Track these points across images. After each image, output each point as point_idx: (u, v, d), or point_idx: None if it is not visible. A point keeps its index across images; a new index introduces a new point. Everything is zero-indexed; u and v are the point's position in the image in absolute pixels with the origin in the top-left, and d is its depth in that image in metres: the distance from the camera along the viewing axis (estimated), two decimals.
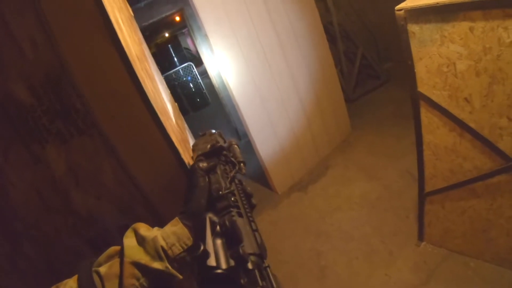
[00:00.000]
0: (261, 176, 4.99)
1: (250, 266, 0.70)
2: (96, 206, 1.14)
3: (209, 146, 1.10)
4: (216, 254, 0.70)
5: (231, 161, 1.07)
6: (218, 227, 0.78)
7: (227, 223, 0.77)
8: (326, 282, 3.35)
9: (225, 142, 1.22)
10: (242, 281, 0.68)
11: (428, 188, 2.80)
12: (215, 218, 0.81)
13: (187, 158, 1.37)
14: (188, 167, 1.24)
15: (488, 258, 2.75)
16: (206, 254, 0.68)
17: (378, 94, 6.55)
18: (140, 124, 1.12)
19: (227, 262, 0.69)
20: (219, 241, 0.74)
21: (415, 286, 2.93)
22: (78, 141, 1.06)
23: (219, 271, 0.67)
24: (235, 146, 1.16)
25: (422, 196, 2.88)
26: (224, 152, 1.10)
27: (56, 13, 0.97)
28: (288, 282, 3.46)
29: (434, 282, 2.89)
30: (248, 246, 0.74)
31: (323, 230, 3.98)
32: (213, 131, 1.33)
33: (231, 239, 0.75)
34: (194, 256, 0.68)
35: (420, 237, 3.21)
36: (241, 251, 0.70)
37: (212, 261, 0.68)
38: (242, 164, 1.06)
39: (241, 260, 0.70)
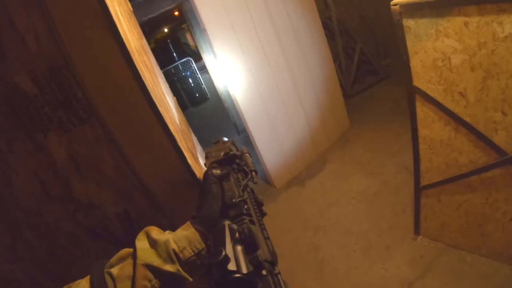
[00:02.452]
0: (259, 170, 4.92)
1: (264, 272, 0.72)
2: (95, 193, 1.16)
3: (222, 154, 1.12)
4: (236, 260, 0.72)
5: (244, 169, 1.09)
6: (237, 234, 0.79)
7: (246, 230, 0.79)
8: (324, 276, 3.38)
9: (237, 150, 1.23)
10: (259, 285, 0.70)
11: (423, 182, 2.82)
12: (234, 226, 0.82)
13: (185, 147, 1.39)
14: (186, 156, 1.26)
15: (484, 252, 2.76)
16: (227, 259, 0.69)
17: (377, 90, 6.56)
18: (139, 114, 1.14)
19: (247, 267, 0.71)
20: (239, 248, 0.75)
21: (412, 280, 2.95)
22: (79, 130, 1.08)
23: (239, 275, 0.68)
24: (247, 154, 1.18)
25: (418, 189, 2.90)
26: (237, 161, 1.12)
27: (58, 7, 0.99)
28: (286, 276, 3.48)
29: (430, 276, 2.91)
30: (262, 253, 0.77)
31: (321, 224, 4.01)
32: (225, 139, 1.34)
33: (248, 245, 0.77)
34: (215, 261, 0.69)
35: (417, 231, 3.23)
36: (259, 257, 0.73)
37: (232, 266, 0.69)
38: (254, 173, 1.08)
39: (258, 266, 0.72)
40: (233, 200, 0.92)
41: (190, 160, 1.31)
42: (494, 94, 2.03)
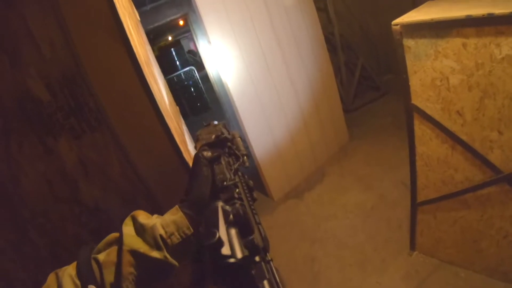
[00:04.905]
0: (257, 182, 4.98)
1: (257, 258, 0.70)
2: (102, 197, 1.19)
3: (213, 136, 1.09)
4: (231, 243, 0.68)
5: (235, 153, 1.06)
6: (231, 216, 0.75)
7: (240, 212, 0.76)
8: (319, 287, 3.40)
9: (229, 133, 1.19)
10: (253, 271, 0.67)
11: (420, 198, 2.84)
12: (227, 207, 0.78)
13: (188, 158, 1.42)
14: (190, 165, 1.28)
15: (479, 268, 2.78)
16: (220, 243, 0.66)
17: (377, 105, 6.60)
18: (147, 124, 1.17)
19: (242, 251, 0.68)
20: (233, 231, 0.72)
21: None
22: (90, 136, 1.11)
23: (233, 260, 0.65)
24: (239, 138, 1.15)
25: (414, 206, 2.93)
26: (228, 144, 1.09)
27: (74, 17, 1.02)
28: None
29: None
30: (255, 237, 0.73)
31: (318, 236, 4.03)
32: (216, 122, 1.30)
33: (243, 228, 0.74)
34: (207, 244, 0.65)
35: (412, 246, 3.25)
36: (255, 241, 0.70)
37: (226, 250, 0.66)
38: (245, 157, 1.05)
39: (253, 250, 0.70)
40: (224, 183, 0.89)
41: None
42: (490, 113, 2.07)
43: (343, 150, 5.58)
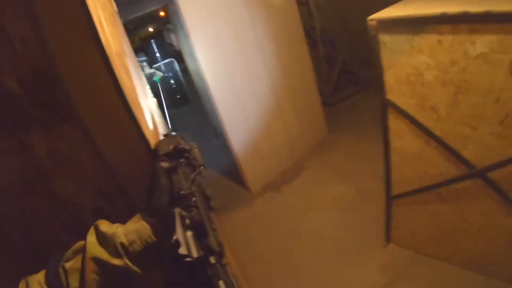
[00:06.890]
0: (235, 174, 5.02)
1: (212, 260, 0.76)
2: (74, 190, 1.19)
3: (171, 147, 1.14)
4: (187, 244, 0.74)
5: (192, 164, 1.10)
6: (187, 221, 0.82)
7: (195, 217, 0.83)
8: (298, 279, 3.43)
9: (186, 144, 1.23)
10: (208, 271, 0.74)
11: (395, 191, 2.90)
12: (184, 213, 0.85)
13: None
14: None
15: (454, 261, 2.84)
16: (177, 244, 0.72)
17: (358, 99, 6.63)
18: (116, 117, 1.18)
19: (198, 252, 0.74)
20: (189, 233, 0.78)
21: (382, 286, 3.02)
22: (60, 129, 1.12)
23: (189, 259, 0.71)
24: (196, 149, 1.19)
25: (389, 199, 2.98)
26: (186, 154, 1.13)
27: (46, 14, 1.02)
28: (259, 278, 3.52)
29: (400, 283, 2.98)
30: (211, 241, 0.81)
31: (296, 229, 4.07)
32: (174, 133, 1.35)
33: (198, 232, 0.81)
34: (166, 246, 0.72)
35: (388, 238, 3.31)
36: (209, 243, 0.78)
37: (183, 250, 0.72)
38: (202, 168, 1.09)
39: (208, 251, 0.77)
40: (181, 192, 0.93)
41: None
42: (464, 109, 2.11)
43: (322, 144, 5.61)
